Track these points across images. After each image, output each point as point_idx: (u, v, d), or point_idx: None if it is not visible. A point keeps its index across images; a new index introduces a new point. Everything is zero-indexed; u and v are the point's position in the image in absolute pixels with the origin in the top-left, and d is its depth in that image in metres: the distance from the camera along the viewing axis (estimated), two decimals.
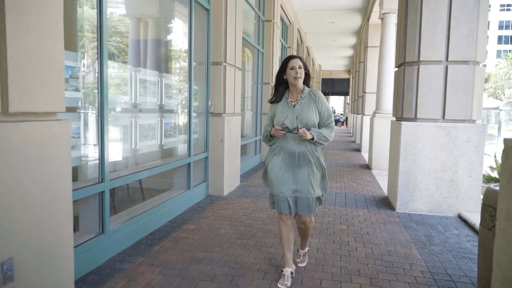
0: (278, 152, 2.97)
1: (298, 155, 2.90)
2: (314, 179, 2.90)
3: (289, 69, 2.91)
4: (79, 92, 2.99)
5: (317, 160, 2.94)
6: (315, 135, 2.84)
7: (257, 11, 8.70)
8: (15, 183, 1.98)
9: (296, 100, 2.96)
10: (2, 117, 1.92)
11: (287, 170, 2.90)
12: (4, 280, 1.93)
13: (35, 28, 2.06)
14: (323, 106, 2.94)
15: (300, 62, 2.92)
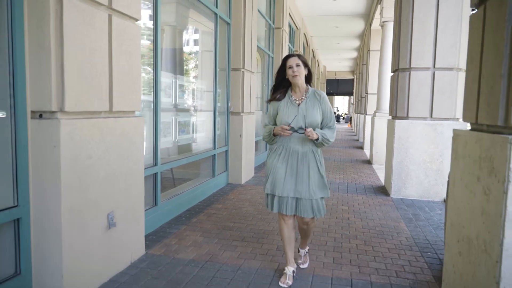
0: (280, 152, 2.91)
1: (301, 155, 2.86)
2: (316, 180, 2.86)
3: (287, 68, 2.86)
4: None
5: (318, 161, 2.90)
6: (320, 136, 2.79)
7: (268, 19, 9.58)
8: (115, 160, 2.88)
9: (301, 99, 2.91)
10: (108, 114, 2.82)
11: (290, 170, 2.86)
12: (109, 225, 2.83)
13: (127, 54, 2.96)
14: (327, 107, 2.91)
15: (298, 60, 2.85)
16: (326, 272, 3.17)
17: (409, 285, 2.99)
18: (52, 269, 2.43)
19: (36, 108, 2.37)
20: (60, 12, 2.32)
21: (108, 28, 2.74)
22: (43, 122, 2.37)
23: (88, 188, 2.59)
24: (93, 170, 2.63)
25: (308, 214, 2.87)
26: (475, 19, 2.46)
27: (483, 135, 2.20)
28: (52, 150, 2.36)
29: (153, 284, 2.85)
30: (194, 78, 5.93)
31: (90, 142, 2.59)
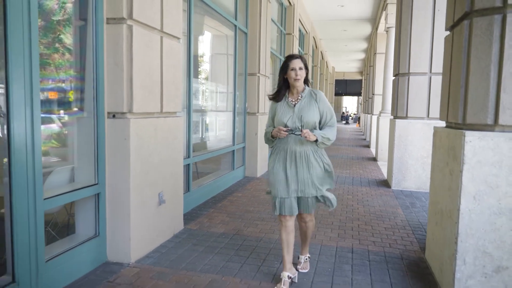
0: (279, 153, 2.93)
1: (299, 154, 2.86)
2: (317, 177, 2.89)
3: (290, 69, 2.84)
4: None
5: (319, 158, 2.92)
6: (319, 137, 2.78)
7: (280, 26, 10.31)
8: (164, 150, 3.64)
9: (297, 100, 2.90)
10: (160, 114, 3.58)
11: (290, 170, 2.87)
12: (160, 202, 3.58)
13: (172, 66, 3.72)
14: (324, 106, 2.88)
15: (301, 63, 2.85)
16: (332, 243, 3.89)
17: (400, 253, 3.70)
18: (122, 233, 3.20)
19: (111, 110, 3.14)
20: (130, 38, 3.08)
21: (160, 47, 3.50)
22: (116, 121, 3.13)
23: (147, 172, 3.35)
24: (150, 158, 3.39)
25: (309, 210, 2.97)
26: (447, 40, 3.18)
27: (451, 130, 2.91)
28: (123, 142, 3.12)
29: (194, 248, 3.60)
30: (216, 83, 6.70)
31: (148, 135, 3.35)
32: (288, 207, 2.90)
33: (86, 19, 3.03)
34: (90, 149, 3.10)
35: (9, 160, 2.32)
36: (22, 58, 2.35)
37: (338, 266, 3.33)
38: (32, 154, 2.43)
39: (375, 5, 12.71)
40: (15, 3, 2.29)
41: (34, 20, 2.40)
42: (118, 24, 3.06)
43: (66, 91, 3.13)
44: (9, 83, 2.29)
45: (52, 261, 2.67)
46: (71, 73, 3.13)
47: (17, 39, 2.31)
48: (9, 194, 2.34)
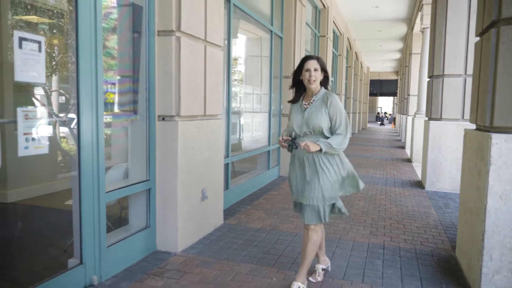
0: (292, 160, 2.92)
1: (307, 160, 2.76)
2: (324, 186, 2.73)
3: (304, 70, 2.75)
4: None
5: (329, 164, 2.75)
6: (323, 146, 2.65)
7: (314, 29, 10.49)
8: (207, 150, 3.94)
9: (309, 103, 2.80)
10: (203, 117, 3.89)
11: (300, 177, 2.85)
12: (203, 197, 3.89)
13: (214, 73, 4.02)
14: (336, 112, 2.72)
15: (317, 64, 2.74)
16: (364, 240, 4.08)
17: (430, 251, 3.84)
18: (170, 224, 3.52)
19: (161, 113, 3.47)
20: (178, 48, 3.40)
21: (204, 55, 3.81)
22: (165, 123, 3.46)
23: (192, 169, 3.67)
24: (194, 157, 3.71)
25: (306, 219, 2.81)
26: (476, 46, 3.31)
27: (479, 132, 3.05)
28: (172, 142, 3.45)
29: (234, 241, 3.89)
30: (252, 85, 7.00)
31: (193, 136, 3.67)
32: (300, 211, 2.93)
33: (140, 32, 3.38)
34: (142, 148, 3.45)
35: (78, 157, 2.68)
36: (89, 67, 2.70)
37: (369, 261, 3.52)
38: (96, 151, 2.78)
39: (410, 6, 12.64)
40: (84, 23, 2.65)
41: (99, 36, 2.76)
42: (167, 36, 3.39)
43: (122, 96, 3.49)
44: (80, 90, 2.65)
45: (111, 247, 3.02)
46: (126, 80, 3.49)
47: (86, 52, 2.67)
48: (78, 186, 2.70)
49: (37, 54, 2.28)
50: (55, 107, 4.13)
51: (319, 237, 2.88)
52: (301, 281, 2.86)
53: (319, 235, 2.87)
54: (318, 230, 2.85)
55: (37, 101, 3.14)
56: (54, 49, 4.21)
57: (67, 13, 3.65)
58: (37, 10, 4.14)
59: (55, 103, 4.61)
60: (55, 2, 4.00)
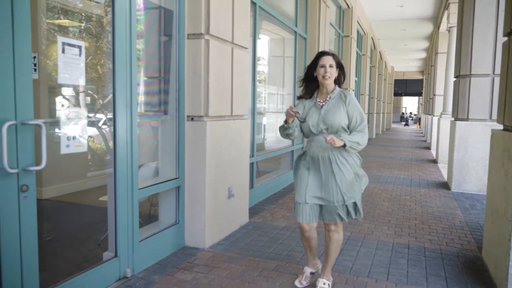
0: (304, 158, 2.82)
1: (322, 160, 2.68)
2: (345, 184, 2.66)
3: (319, 66, 2.67)
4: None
5: (346, 162, 2.69)
6: (347, 142, 2.57)
7: (338, 29, 10.48)
8: (233, 150, 4.05)
9: (325, 101, 2.72)
10: (230, 117, 3.99)
11: (313, 176, 2.73)
12: (229, 195, 4.00)
13: (240, 74, 4.13)
14: (355, 110, 2.68)
15: (333, 60, 2.66)
16: (388, 239, 4.10)
17: (456, 251, 3.83)
18: (198, 220, 3.64)
19: (190, 113, 3.60)
20: (207, 50, 3.52)
21: (231, 57, 3.92)
22: (194, 123, 3.58)
23: (219, 168, 3.78)
24: (222, 156, 3.82)
25: (326, 219, 2.76)
26: (504, 45, 3.30)
27: (506, 133, 3.05)
28: (200, 141, 3.57)
29: (260, 238, 3.98)
30: (277, 86, 7.08)
31: (220, 136, 3.78)
32: (307, 215, 2.74)
33: (170, 35, 3.52)
34: (172, 147, 3.58)
35: (114, 155, 2.82)
36: (125, 69, 2.84)
37: (394, 260, 3.55)
38: (131, 150, 2.92)
39: (436, 4, 12.46)
40: (120, 27, 2.79)
41: (134, 39, 2.90)
42: (197, 39, 3.51)
43: (153, 97, 3.63)
44: (116, 91, 2.79)
45: (143, 242, 3.16)
46: (157, 81, 3.63)
47: (122, 54, 2.81)
48: (113, 183, 2.84)
49: (78, 58, 2.43)
50: (90, 108, 4.32)
51: (341, 236, 2.86)
52: (326, 278, 2.90)
53: (340, 234, 2.84)
54: (339, 230, 2.82)
55: (76, 102, 3.31)
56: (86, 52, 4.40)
57: (99, 17, 3.83)
58: (72, 15, 4.34)
59: (90, 104, 4.81)
60: (88, 8, 4.19)
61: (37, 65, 2.20)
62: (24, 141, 2.10)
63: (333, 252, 2.86)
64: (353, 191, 2.70)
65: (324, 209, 2.74)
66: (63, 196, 5.25)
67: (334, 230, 2.80)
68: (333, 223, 2.76)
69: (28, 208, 2.15)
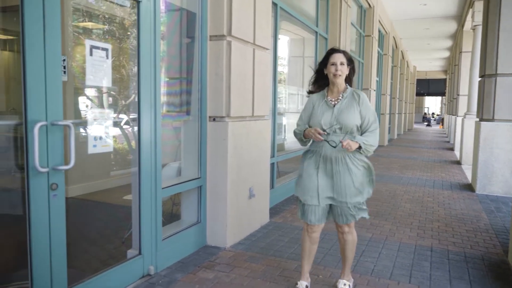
0: (311, 157, 2.71)
1: (335, 159, 2.59)
2: (358, 182, 2.61)
3: (330, 64, 2.62)
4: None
5: (357, 160, 2.63)
6: (362, 144, 2.55)
7: (359, 29, 10.40)
8: (254, 150, 4.07)
9: (337, 100, 2.66)
10: (251, 118, 4.02)
11: (323, 176, 2.63)
12: (250, 196, 4.03)
13: (261, 75, 4.15)
14: (367, 109, 2.64)
15: (343, 57, 2.62)
16: (411, 241, 4.05)
17: (481, 255, 3.76)
18: (220, 220, 3.68)
19: (212, 114, 3.64)
20: (229, 52, 3.55)
21: (252, 58, 3.94)
22: (216, 124, 3.62)
23: (240, 168, 3.81)
24: (243, 156, 3.85)
25: (340, 220, 2.69)
26: None
27: None
28: (222, 142, 3.60)
29: (280, 238, 3.99)
30: (297, 86, 7.08)
31: (241, 137, 3.81)
32: (317, 216, 2.68)
33: (193, 37, 3.57)
34: (194, 147, 3.63)
35: (138, 154, 2.88)
36: (149, 71, 2.90)
37: (416, 262, 3.51)
38: (154, 150, 2.98)
39: (460, 3, 12.21)
40: (145, 29, 2.85)
41: (158, 41, 2.96)
42: (219, 40, 3.55)
43: (176, 97, 3.69)
44: (140, 92, 2.85)
45: (166, 240, 3.22)
46: (180, 82, 3.68)
47: (146, 56, 2.88)
48: (138, 182, 2.90)
49: (105, 61, 2.49)
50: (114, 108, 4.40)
51: (355, 236, 2.82)
52: (346, 279, 2.89)
53: (354, 234, 2.80)
54: (352, 230, 2.78)
55: (102, 103, 3.39)
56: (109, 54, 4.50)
57: (122, 19, 3.91)
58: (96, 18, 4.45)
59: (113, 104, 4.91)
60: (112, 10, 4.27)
61: (66, 67, 2.26)
62: (54, 141, 2.17)
63: (350, 253, 2.83)
64: (364, 191, 2.67)
65: (336, 210, 2.68)
66: (87, 194, 5.38)
67: (348, 232, 2.76)
68: (347, 224, 2.71)
69: (57, 206, 2.22)
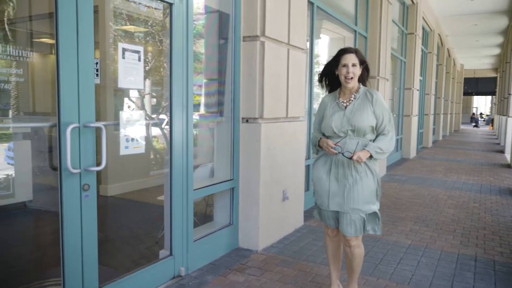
0: (324, 161, 2.59)
1: (348, 164, 2.46)
2: (364, 193, 2.45)
3: (341, 66, 2.48)
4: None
5: (368, 169, 2.47)
6: (373, 153, 2.40)
7: (401, 26, 10.04)
8: (288, 151, 4.00)
9: (349, 101, 2.53)
10: (285, 119, 3.95)
11: (334, 181, 2.50)
12: (284, 198, 3.96)
13: (296, 75, 4.07)
14: (382, 110, 2.49)
15: (356, 58, 2.46)
16: (453, 250, 3.84)
17: None
18: (252, 222, 3.65)
19: (245, 115, 3.61)
20: (262, 52, 3.51)
21: (287, 58, 3.88)
22: (249, 125, 3.59)
23: (274, 170, 3.76)
24: (276, 158, 3.79)
25: (349, 231, 2.49)
26: None
27: None
28: (255, 143, 3.57)
29: (314, 243, 3.90)
30: None
31: (275, 138, 3.75)
32: (331, 219, 2.61)
33: (226, 38, 3.55)
34: (227, 149, 3.62)
35: (170, 156, 2.90)
36: (181, 72, 2.92)
37: (458, 273, 3.31)
38: (186, 151, 2.99)
39: None
40: (178, 31, 2.86)
41: (190, 43, 2.96)
42: (252, 41, 3.51)
43: (209, 98, 3.69)
44: (172, 93, 2.87)
45: (198, 241, 3.22)
46: (213, 83, 3.68)
47: (178, 57, 2.89)
48: (169, 183, 2.92)
49: (137, 63, 2.52)
50: (149, 109, 4.47)
51: (363, 249, 2.62)
52: None
53: (362, 248, 2.60)
54: (360, 243, 2.58)
55: (135, 104, 3.45)
56: (148, 56, 4.59)
57: (162, 22, 3.96)
58: (137, 21, 4.54)
59: (149, 106, 5.00)
60: (151, 13, 4.35)
61: (99, 70, 2.31)
62: (86, 143, 2.22)
63: (357, 267, 2.64)
64: (372, 202, 2.50)
65: (345, 219, 2.49)
66: (126, 193, 5.52)
67: (355, 245, 2.54)
68: (355, 236, 2.50)
69: (89, 206, 2.26)
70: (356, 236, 2.51)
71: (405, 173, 8.38)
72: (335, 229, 2.66)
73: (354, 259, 2.58)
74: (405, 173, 8.38)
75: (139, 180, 5.71)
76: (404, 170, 8.82)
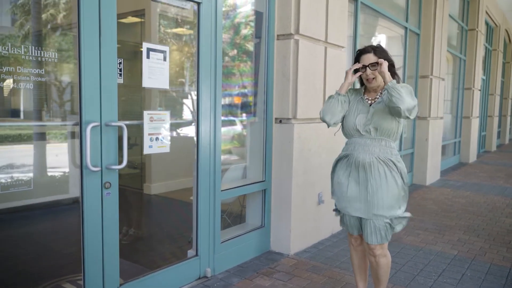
0: (343, 165, 2.43)
1: (369, 165, 2.28)
2: (392, 196, 2.28)
3: (361, 67, 2.36)
4: None
5: (396, 170, 2.29)
6: (392, 82, 2.18)
7: (460, 22, 9.42)
8: (324, 153, 3.86)
9: (374, 99, 2.39)
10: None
11: (354, 185, 2.35)
12: (319, 202, 3.83)
13: (334, 73, 3.92)
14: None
15: (374, 57, 2.32)
16: (505, 263, 3.50)
17: None
18: (283, 225, 3.56)
19: (278, 116, 3.53)
20: (296, 51, 3.41)
21: (324, 57, 3.75)
22: (282, 126, 3.50)
23: (307, 172, 3.64)
24: (310, 160, 3.67)
25: (372, 239, 2.33)
26: None
27: None
28: (288, 144, 3.47)
29: (349, 249, 3.72)
30: None
31: (309, 139, 3.63)
32: (354, 226, 2.46)
33: (260, 37, 3.49)
34: (259, 149, 3.56)
35: (196, 157, 2.89)
36: (209, 72, 2.90)
37: None
38: (214, 152, 2.97)
39: None
40: (205, 30, 2.85)
41: (219, 42, 2.94)
42: (286, 39, 3.42)
43: (241, 99, 3.65)
44: (200, 94, 2.86)
45: (225, 243, 3.19)
46: (246, 84, 3.64)
47: (206, 57, 2.87)
48: (196, 184, 2.91)
49: (162, 63, 2.53)
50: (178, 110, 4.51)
51: (389, 258, 2.45)
52: None
53: (388, 256, 2.43)
54: (386, 252, 2.40)
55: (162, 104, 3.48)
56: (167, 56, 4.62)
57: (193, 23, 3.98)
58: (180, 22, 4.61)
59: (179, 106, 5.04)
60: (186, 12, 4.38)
61: (122, 70, 2.34)
62: (108, 141, 2.25)
63: (385, 277, 2.47)
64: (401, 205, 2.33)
65: (368, 226, 2.33)
66: (169, 192, 5.63)
67: (380, 254, 2.37)
68: (379, 244, 2.33)
69: (110, 204, 2.30)
70: (381, 244, 2.34)
71: (461, 179, 7.85)
72: (358, 237, 2.53)
73: (379, 269, 2.42)
74: (461, 179, 7.85)
75: (183, 179, 5.81)
76: (460, 175, 8.26)
